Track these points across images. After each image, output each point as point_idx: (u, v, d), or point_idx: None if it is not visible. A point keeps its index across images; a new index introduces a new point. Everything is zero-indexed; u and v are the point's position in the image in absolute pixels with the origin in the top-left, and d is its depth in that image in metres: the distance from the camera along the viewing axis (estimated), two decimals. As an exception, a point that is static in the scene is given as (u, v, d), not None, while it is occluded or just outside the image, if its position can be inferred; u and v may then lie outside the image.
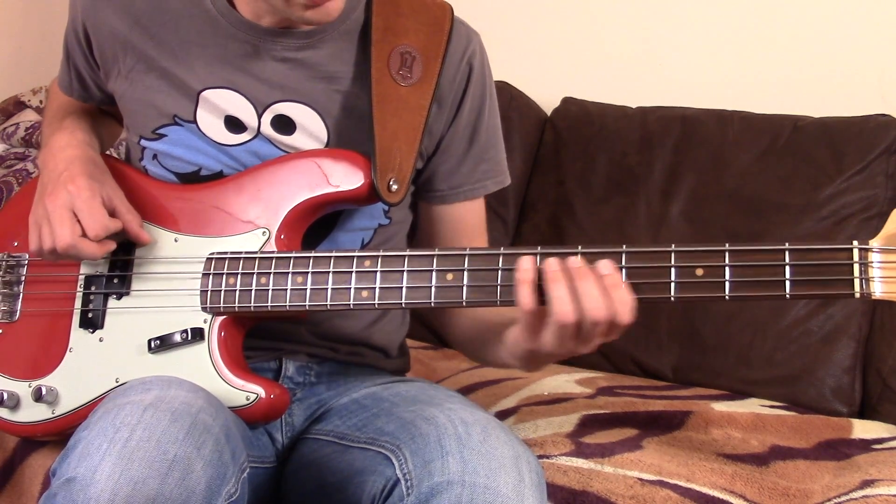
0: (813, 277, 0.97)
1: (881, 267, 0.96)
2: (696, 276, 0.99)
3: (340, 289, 1.09)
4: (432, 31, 1.21)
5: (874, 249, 0.96)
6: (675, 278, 1.00)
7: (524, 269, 1.00)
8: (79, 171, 1.18)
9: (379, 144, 1.16)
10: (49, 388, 1.19)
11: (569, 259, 0.99)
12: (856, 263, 0.96)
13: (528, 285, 0.99)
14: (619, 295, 0.97)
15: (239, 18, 1.20)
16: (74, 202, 1.15)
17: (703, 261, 0.99)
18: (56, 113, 1.33)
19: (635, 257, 1.01)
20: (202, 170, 1.23)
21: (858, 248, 0.96)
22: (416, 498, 0.98)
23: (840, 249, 0.97)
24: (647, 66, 2.19)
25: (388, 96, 1.18)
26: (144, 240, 1.18)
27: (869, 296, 0.96)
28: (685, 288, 1.00)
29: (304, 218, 1.18)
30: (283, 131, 1.21)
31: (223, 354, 1.13)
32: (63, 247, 1.14)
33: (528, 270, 0.99)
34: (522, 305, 1.00)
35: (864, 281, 0.96)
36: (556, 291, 0.97)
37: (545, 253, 1.02)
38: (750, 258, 0.99)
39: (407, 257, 1.07)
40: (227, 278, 1.14)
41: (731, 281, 0.99)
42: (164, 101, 1.22)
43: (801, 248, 0.98)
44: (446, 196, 1.28)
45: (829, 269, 0.97)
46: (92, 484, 0.91)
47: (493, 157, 1.30)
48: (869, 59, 1.96)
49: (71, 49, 1.30)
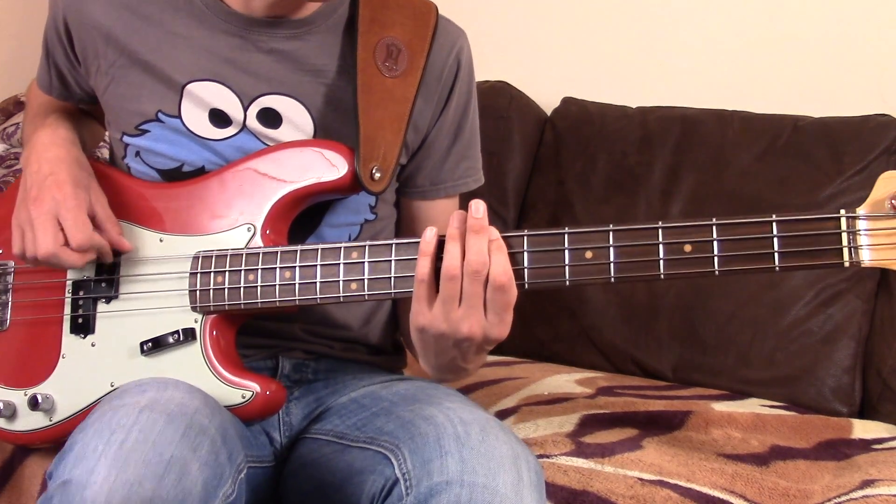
0: (801, 248, 0.97)
1: (869, 234, 0.95)
2: (684, 252, 1.00)
3: (329, 282, 1.09)
4: (418, 26, 1.22)
5: (861, 217, 0.96)
6: (663, 256, 1.00)
7: (426, 241, 1.03)
8: (65, 177, 1.17)
9: (363, 133, 1.16)
10: (45, 396, 1.18)
11: (471, 215, 1.01)
12: (844, 232, 0.96)
13: (427, 256, 1.02)
14: (498, 257, 1.00)
15: (226, 9, 1.20)
16: (59, 210, 1.14)
17: (691, 237, 1.00)
18: (37, 112, 1.32)
19: (623, 236, 1.01)
20: (184, 166, 1.22)
21: (846, 217, 0.96)
22: (415, 498, 0.97)
23: (827, 218, 0.97)
24: (647, 66, 2.18)
25: (373, 87, 1.18)
26: (126, 248, 1.18)
27: (858, 263, 0.95)
28: (674, 265, 1.00)
29: (289, 211, 1.17)
30: (269, 125, 1.21)
31: (216, 353, 1.13)
32: (44, 255, 1.13)
33: (430, 243, 1.03)
34: (417, 275, 1.03)
35: (853, 249, 0.96)
36: (449, 246, 1.01)
37: (530, 235, 1.04)
38: (737, 231, 0.99)
39: (394, 246, 1.08)
40: (215, 276, 1.13)
41: (719, 256, 0.99)
42: (147, 96, 1.21)
43: (788, 219, 0.97)
44: (427, 192, 1.29)
45: (817, 239, 0.97)
46: (88, 486, 0.91)
47: (473, 155, 1.31)
48: (869, 59, 1.96)
49: (51, 45, 1.28)
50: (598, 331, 1.89)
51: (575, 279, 1.03)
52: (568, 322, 1.92)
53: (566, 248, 1.03)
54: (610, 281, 1.02)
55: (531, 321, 1.91)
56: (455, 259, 1.01)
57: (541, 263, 1.04)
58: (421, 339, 1.07)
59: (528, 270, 1.04)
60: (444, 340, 1.04)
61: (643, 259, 1.01)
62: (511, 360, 1.85)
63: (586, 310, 1.90)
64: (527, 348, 1.92)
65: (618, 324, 1.87)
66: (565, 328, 1.92)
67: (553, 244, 1.03)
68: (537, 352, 1.92)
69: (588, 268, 1.02)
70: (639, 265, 1.01)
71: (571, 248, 1.03)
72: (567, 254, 1.03)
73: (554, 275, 1.03)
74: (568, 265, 1.03)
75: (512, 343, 1.25)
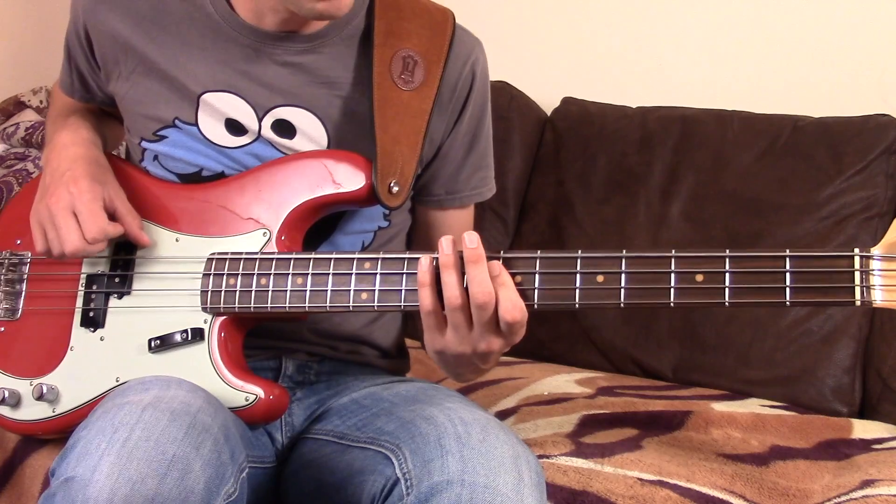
0: (813, 285, 0.97)
1: (882, 275, 0.95)
2: (695, 282, 0.99)
3: (340, 290, 1.09)
4: (434, 35, 1.22)
5: (875, 257, 0.96)
6: (674, 284, 1.00)
7: (423, 272, 1.02)
8: (81, 172, 1.18)
9: (380, 148, 1.16)
10: (50, 387, 1.19)
11: (466, 246, 1.00)
12: (857, 271, 0.96)
13: (427, 287, 1.02)
14: (505, 293, 0.99)
15: (240, 22, 1.20)
16: (75, 204, 1.15)
17: (703, 266, 0.99)
18: (60, 112, 1.33)
19: (635, 262, 1.01)
20: (203, 170, 1.23)
21: (860, 256, 0.96)
22: (416, 497, 0.98)
23: (841, 256, 0.96)
24: (647, 66, 2.19)
25: (389, 100, 1.18)
26: (144, 242, 1.18)
27: (869, 303, 0.95)
28: (685, 294, 0.99)
29: (305, 219, 1.18)
30: (283, 135, 1.21)
31: (223, 355, 1.13)
32: (72, 251, 1.15)
33: (426, 273, 1.02)
34: (422, 307, 1.02)
35: (865, 289, 0.95)
36: (445, 277, 1.00)
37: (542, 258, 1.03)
38: (750, 265, 0.98)
39: (406, 260, 1.07)
40: (228, 279, 1.14)
41: (731, 287, 0.98)
42: (165, 104, 1.22)
43: (802, 255, 0.97)
44: (443, 201, 1.29)
45: (829, 277, 0.96)
46: (90, 483, 0.91)
47: (487, 165, 1.31)
48: (869, 59, 1.96)
49: (72, 50, 1.30)
50: (598, 331, 1.89)
51: (584, 303, 1.02)
52: (568, 322, 1.92)
53: (578, 273, 1.02)
54: (620, 307, 1.01)
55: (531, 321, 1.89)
56: (454, 289, 1.00)
57: (551, 285, 1.03)
58: (441, 358, 1.08)
59: (539, 291, 1.03)
60: (464, 357, 1.05)
61: (654, 286, 1.00)
62: (511, 360, 1.84)
63: (586, 310, 1.90)
64: (527, 348, 1.90)
65: (618, 324, 1.87)
66: (565, 328, 1.92)
67: (565, 267, 1.03)
68: (537, 352, 1.92)
69: (598, 292, 1.02)
70: (650, 292, 1.00)
71: (583, 273, 1.02)
72: (578, 277, 1.02)
73: (564, 297, 1.03)
74: (578, 288, 1.02)
75: (512, 343, 1.26)
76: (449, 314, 1.01)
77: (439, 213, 1.30)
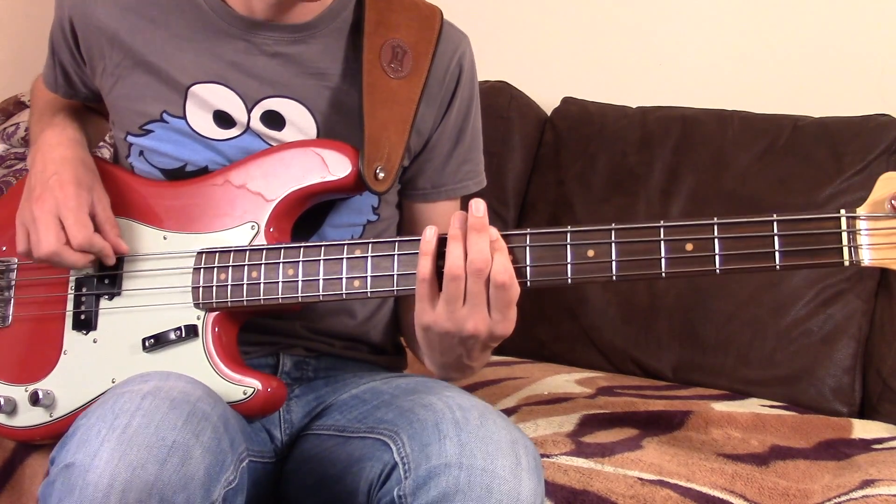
0: (802, 247, 0.98)
1: (869, 234, 0.96)
2: (686, 251, 1.00)
3: (332, 279, 1.10)
4: (422, 28, 1.23)
5: (861, 217, 0.97)
6: (665, 254, 1.01)
7: (427, 241, 1.04)
8: (68, 177, 1.18)
9: (367, 133, 1.16)
10: (45, 392, 1.18)
11: (472, 214, 1.02)
12: (844, 231, 0.97)
13: (428, 256, 1.03)
14: (499, 257, 1.01)
15: (230, 12, 1.20)
16: (61, 209, 1.15)
17: (693, 235, 1.00)
18: (44, 111, 1.32)
19: (625, 234, 1.02)
20: (188, 165, 1.22)
21: (846, 217, 0.97)
22: (414, 481, 0.98)
23: (828, 218, 0.98)
24: (647, 66, 2.19)
25: (378, 87, 1.19)
26: (123, 250, 1.18)
27: (858, 263, 0.96)
28: (675, 263, 1.01)
29: (293, 210, 1.17)
30: (272, 127, 1.21)
31: (218, 350, 1.13)
32: (46, 253, 1.14)
33: (430, 242, 1.04)
34: (419, 274, 1.03)
35: (853, 249, 0.97)
36: (452, 248, 1.02)
37: (532, 233, 1.04)
38: (739, 230, 1.00)
39: (397, 243, 1.08)
40: (219, 273, 1.14)
41: (720, 254, 1.00)
42: (152, 97, 1.22)
43: (788, 219, 0.98)
44: (429, 194, 1.29)
45: (817, 239, 0.98)
46: (91, 469, 0.91)
47: (474, 158, 1.32)
48: (869, 59, 1.96)
49: (57, 45, 1.29)
50: (599, 331, 1.89)
51: (577, 277, 1.03)
52: (568, 322, 1.92)
53: (568, 246, 1.03)
54: (612, 279, 1.03)
55: (531, 321, 1.91)
56: (458, 259, 1.01)
57: (543, 261, 1.04)
58: (426, 337, 1.08)
59: (531, 268, 1.04)
60: (449, 338, 1.05)
61: (645, 257, 1.01)
62: (511, 360, 1.85)
63: (586, 310, 1.90)
64: (527, 348, 1.92)
65: (618, 324, 1.87)
66: (565, 328, 1.92)
67: (555, 242, 1.04)
68: (537, 352, 1.92)
69: (590, 266, 1.03)
70: (640, 263, 1.02)
71: (574, 246, 1.03)
72: (569, 252, 1.03)
73: (556, 273, 1.04)
74: (570, 263, 1.03)
75: (512, 343, 1.26)
76: (446, 284, 1.02)
77: (425, 206, 1.30)
